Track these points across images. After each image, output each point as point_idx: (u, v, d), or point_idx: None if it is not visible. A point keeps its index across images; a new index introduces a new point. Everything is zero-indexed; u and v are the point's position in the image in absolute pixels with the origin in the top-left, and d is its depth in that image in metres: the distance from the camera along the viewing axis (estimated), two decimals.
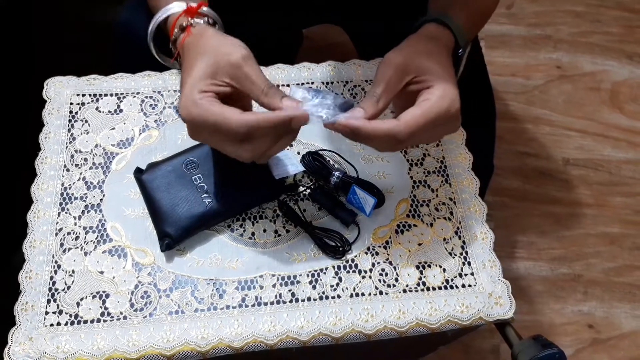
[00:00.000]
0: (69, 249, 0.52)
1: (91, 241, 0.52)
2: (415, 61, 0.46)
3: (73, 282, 0.50)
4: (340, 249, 0.53)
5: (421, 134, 0.44)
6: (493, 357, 1.05)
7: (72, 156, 0.56)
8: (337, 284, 0.52)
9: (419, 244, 0.54)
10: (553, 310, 1.11)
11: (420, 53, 0.47)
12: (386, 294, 0.52)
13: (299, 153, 0.59)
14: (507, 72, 1.36)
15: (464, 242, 0.55)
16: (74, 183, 0.55)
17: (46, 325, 0.48)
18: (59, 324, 0.48)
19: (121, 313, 0.49)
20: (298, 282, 0.52)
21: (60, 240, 0.52)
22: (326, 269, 0.52)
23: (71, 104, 0.59)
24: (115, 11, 0.70)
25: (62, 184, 0.55)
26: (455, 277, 0.53)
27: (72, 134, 0.57)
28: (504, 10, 1.45)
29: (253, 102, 0.50)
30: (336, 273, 0.52)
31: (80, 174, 0.55)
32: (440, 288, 0.52)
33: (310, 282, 0.52)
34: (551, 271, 1.14)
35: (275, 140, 0.45)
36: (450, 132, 0.48)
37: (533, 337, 0.49)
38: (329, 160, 0.58)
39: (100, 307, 0.49)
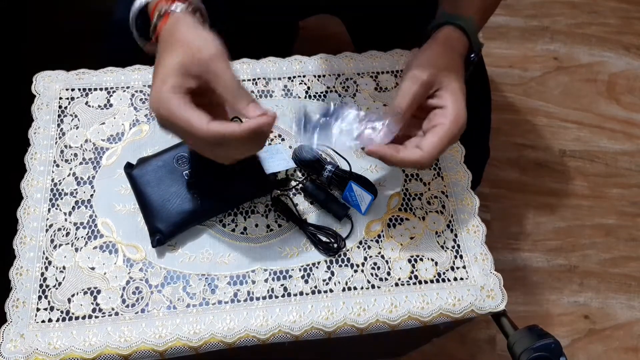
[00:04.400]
0: (60, 245, 0.51)
1: (82, 237, 0.52)
2: (438, 77, 0.49)
3: (64, 278, 0.50)
4: (334, 245, 0.53)
5: (439, 155, 0.48)
6: (489, 347, 1.06)
7: (62, 151, 0.56)
8: (330, 278, 0.52)
9: (411, 238, 0.54)
10: (549, 301, 1.11)
11: (441, 69, 0.49)
12: (378, 287, 0.52)
13: (290, 147, 0.58)
14: (505, 64, 1.36)
15: (455, 235, 0.55)
16: (64, 179, 0.54)
17: (37, 322, 0.48)
18: (50, 320, 0.48)
19: (113, 309, 0.49)
20: (290, 276, 0.51)
21: (51, 236, 0.52)
22: (318, 263, 0.52)
23: (60, 98, 0.58)
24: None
25: (52, 180, 0.54)
26: (447, 270, 0.53)
27: (61, 129, 0.57)
28: (501, 1, 1.44)
29: None
30: (328, 267, 0.52)
31: (70, 169, 0.55)
32: (432, 281, 0.52)
33: (303, 277, 0.52)
34: (547, 262, 1.15)
35: (247, 147, 0.45)
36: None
37: (529, 328, 0.49)
38: (321, 154, 0.57)
39: (92, 303, 0.49)
